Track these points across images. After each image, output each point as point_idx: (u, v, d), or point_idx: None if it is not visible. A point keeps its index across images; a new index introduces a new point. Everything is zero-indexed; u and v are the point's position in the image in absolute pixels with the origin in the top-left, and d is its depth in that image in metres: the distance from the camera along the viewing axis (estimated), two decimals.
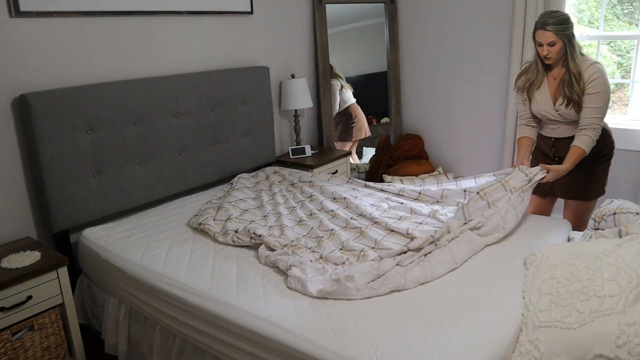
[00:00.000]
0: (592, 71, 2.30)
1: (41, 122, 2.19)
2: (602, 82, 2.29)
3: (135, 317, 2.17)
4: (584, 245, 1.74)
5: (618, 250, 1.59)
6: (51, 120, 2.22)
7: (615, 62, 3.46)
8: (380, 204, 2.59)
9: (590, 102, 2.32)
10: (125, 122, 2.52)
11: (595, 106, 2.31)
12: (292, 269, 1.89)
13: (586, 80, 2.32)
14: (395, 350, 1.45)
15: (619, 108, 3.51)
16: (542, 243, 2.06)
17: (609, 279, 1.49)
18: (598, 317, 1.41)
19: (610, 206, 2.06)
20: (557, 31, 2.30)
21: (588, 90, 2.32)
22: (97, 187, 2.44)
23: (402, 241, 2.12)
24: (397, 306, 1.68)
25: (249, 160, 3.27)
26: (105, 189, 2.47)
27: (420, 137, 4.06)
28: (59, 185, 2.28)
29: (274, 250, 2.09)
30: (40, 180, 2.25)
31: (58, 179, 2.28)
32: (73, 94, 2.30)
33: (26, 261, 2.03)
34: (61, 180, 2.29)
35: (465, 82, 3.80)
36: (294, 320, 1.63)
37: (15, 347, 1.97)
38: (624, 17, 3.33)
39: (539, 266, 1.76)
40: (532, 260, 1.83)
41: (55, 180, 2.27)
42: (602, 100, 2.31)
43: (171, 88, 2.72)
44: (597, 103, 2.31)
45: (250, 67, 3.22)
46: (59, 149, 2.26)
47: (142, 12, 2.64)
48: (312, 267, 1.91)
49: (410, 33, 4.00)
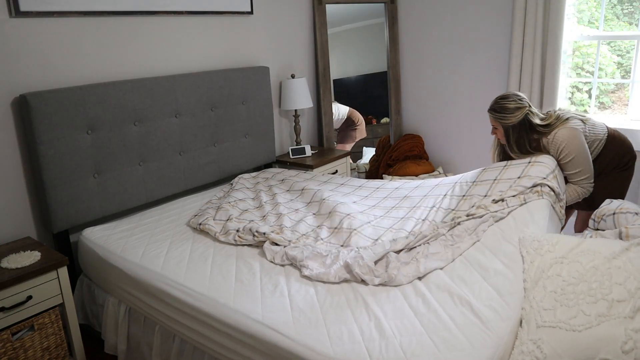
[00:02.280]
0: (557, 142, 2.32)
1: (41, 122, 2.19)
2: (572, 148, 2.31)
3: (134, 317, 2.17)
4: (590, 243, 1.70)
5: (627, 253, 1.55)
6: (51, 120, 2.22)
7: (615, 62, 3.46)
8: (383, 203, 2.59)
9: (571, 169, 2.35)
10: (125, 122, 2.52)
11: (576, 171, 2.35)
12: (306, 261, 1.95)
13: (556, 151, 2.35)
14: (391, 355, 1.44)
15: (619, 108, 3.51)
16: (536, 226, 2.06)
17: (617, 283, 1.46)
18: (605, 321, 1.38)
19: (610, 206, 2.06)
20: (495, 118, 2.38)
21: (562, 159, 2.35)
22: (97, 187, 2.44)
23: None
24: (393, 310, 1.67)
25: (249, 160, 3.27)
26: (105, 189, 2.48)
27: (420, 137, 4.06)
28: (59, 185, 2.28)
29: (278, 245, 2.13)
30: (41, 180, 2.25)
31: (58, 179, 2.28)
32: (73, 94, 2.30)
33: (26, 261, 2.03)
34: (61, 180, 2.29)
35: (465, 82, 3.80)
36: (290, 324, 1.63)
37: (15, 347, 1.97)
38: (624, 17, 3.33)
39: (543, 256, 1.72)
40: (535, 247, 1.79)
41: (55, 180, 2.27)
42: (580, 163, 2.33)
43: (171, 88, 2.72)
44: (576, 167, 2.35)
45: (250, 67, 3.22)
46: (59, 149, 2.26)
47: (142, 12, 2.64)
48: (323, 255, 2.00)
49: (410, 33, 4.00)
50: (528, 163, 2.36)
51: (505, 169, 2.40)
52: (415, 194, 2.62)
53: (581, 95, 3.56)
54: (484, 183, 2.39)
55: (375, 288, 1.80)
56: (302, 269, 1.93)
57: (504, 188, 2.30)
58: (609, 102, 3.57)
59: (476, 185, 2.40)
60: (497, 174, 2.38)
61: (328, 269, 1.90)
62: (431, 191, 2.58)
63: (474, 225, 2.10)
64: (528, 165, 2.34)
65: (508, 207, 2.18)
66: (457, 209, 2.30)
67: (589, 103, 3.47)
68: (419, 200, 2.51)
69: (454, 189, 2.47)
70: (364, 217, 2.37)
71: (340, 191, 2.80)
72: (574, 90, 3.55)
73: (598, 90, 3.50)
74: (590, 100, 3.46)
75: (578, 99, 3.56)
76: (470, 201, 2.31)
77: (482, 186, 2.37)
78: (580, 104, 3.56)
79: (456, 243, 2.01)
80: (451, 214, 2.26)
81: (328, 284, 1.85)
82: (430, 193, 2.56)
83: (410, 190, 2.69)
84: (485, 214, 2.16)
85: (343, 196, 2.69)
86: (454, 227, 2.12)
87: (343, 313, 1.67)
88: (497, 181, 2.35)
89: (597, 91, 3.49)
